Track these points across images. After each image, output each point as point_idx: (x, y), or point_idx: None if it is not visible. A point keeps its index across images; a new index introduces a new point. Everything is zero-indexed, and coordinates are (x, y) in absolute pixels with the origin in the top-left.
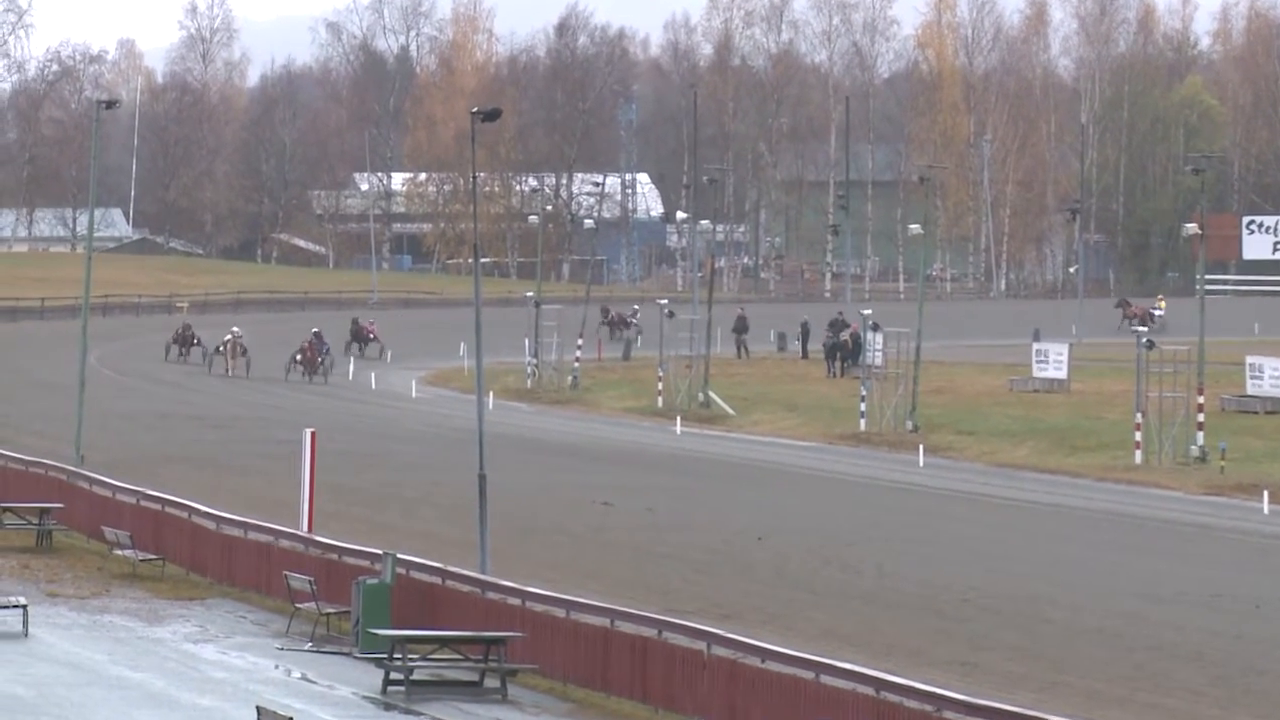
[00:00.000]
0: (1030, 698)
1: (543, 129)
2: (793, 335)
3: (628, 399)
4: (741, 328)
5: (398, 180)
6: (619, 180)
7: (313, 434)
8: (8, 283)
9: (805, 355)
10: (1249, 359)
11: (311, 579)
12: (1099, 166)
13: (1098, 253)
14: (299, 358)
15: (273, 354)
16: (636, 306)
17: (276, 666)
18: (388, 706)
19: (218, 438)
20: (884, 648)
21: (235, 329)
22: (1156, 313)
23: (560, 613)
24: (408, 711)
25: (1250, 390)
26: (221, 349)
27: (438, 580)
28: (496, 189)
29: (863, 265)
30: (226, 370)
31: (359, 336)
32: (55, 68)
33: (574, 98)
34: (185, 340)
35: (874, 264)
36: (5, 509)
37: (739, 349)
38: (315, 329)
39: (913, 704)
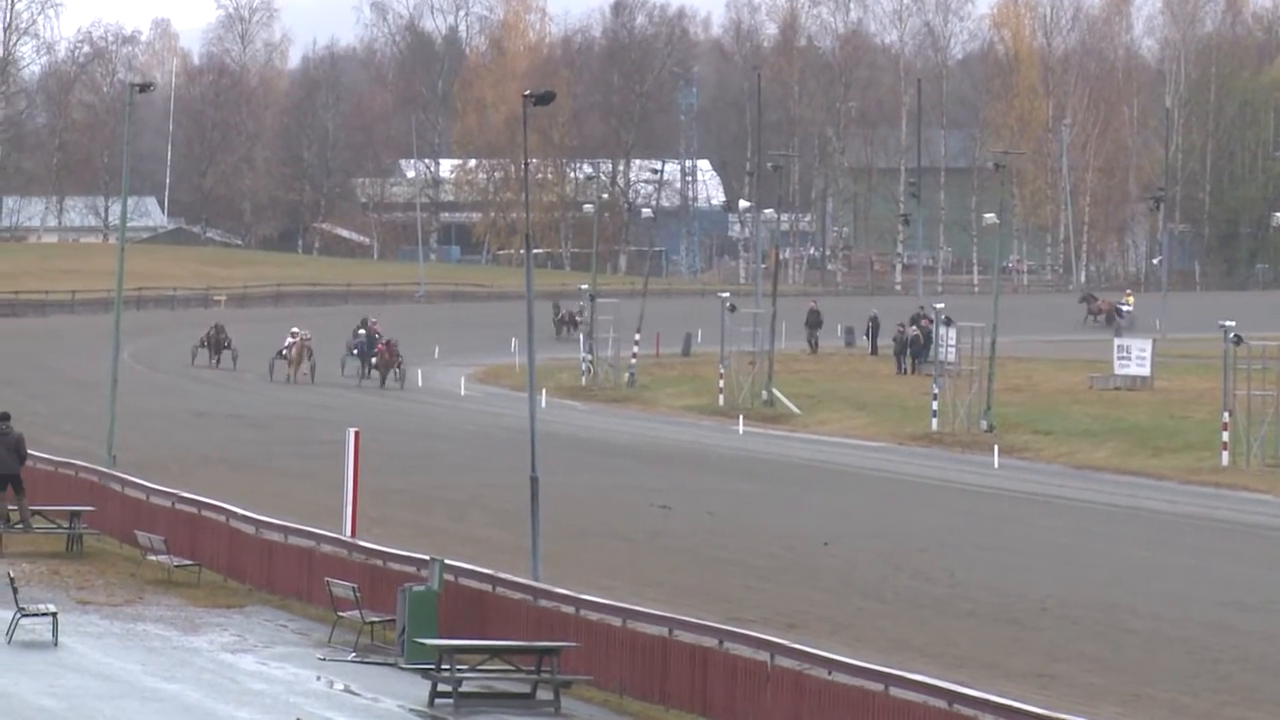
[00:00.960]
0: (1112, 711)
1: (598, 113)
2: (861, 330)
3: (687, 397)
4: (815, 321)
5: (446, 167)
6: (678, 167)
7: (356, 433)
8: (37, 275)
9: (874, 351)
10: None
11: (355, 586)
12: (1184, 153)
13: (1183, 243)
14: (375, 360)
15: (320, 352)
16: (583, 304)
17: (318, 678)
18: None
19: (257, 438)
20: (957, 659)
21: (299, 330)
22: (1125, 308)
23: (616, 621)
24: None
25: None
26: (285, 352)
27: (487, 587)
28: (550, 176)
29: (935, 256)
30: (290, 377)
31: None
32: (86, 49)
33: (631, 80)
34: (217, 344)
35: (947, 255)
36: (34, 512)
37: (811, 343)
38: (372, 319)
39: (988, 718)
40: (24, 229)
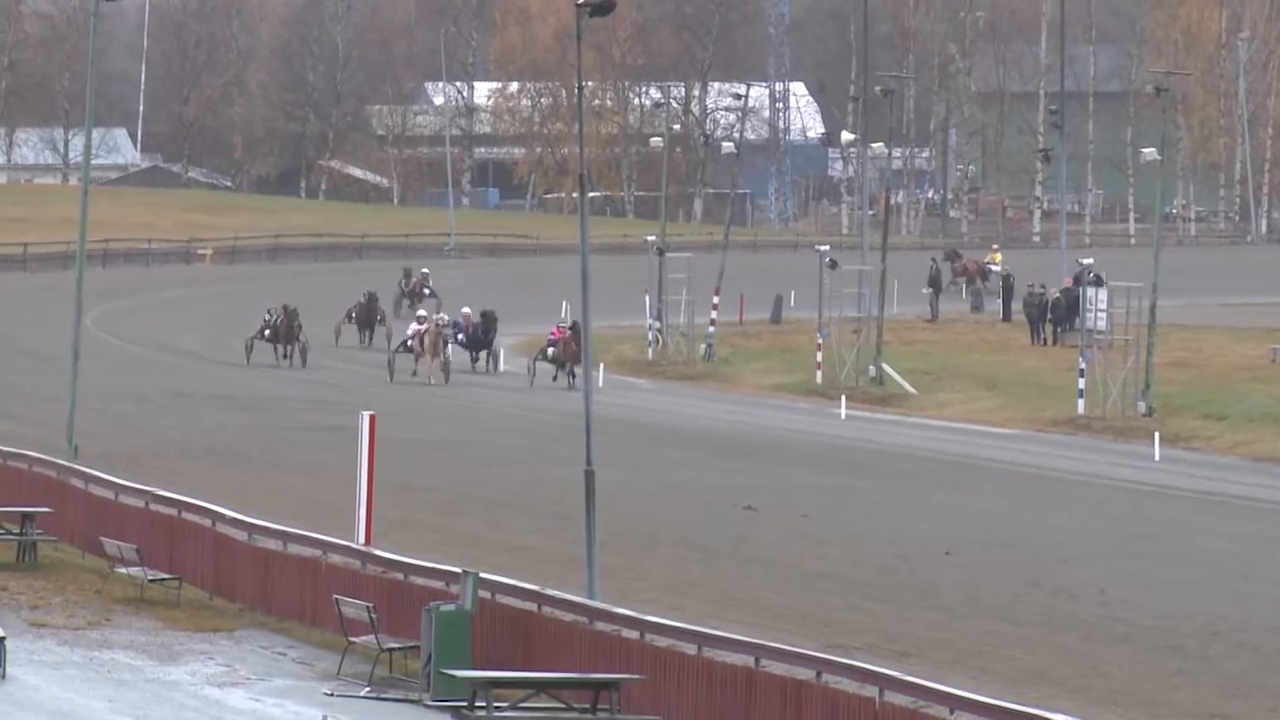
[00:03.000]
0: None
1: (669, 26)
2: (991, 291)
3: (777, 373)
4: (939, 281)
5: (481, 92)
6: (766, 91)
7: (371, 418)
8: None
9: (1007, 318)
10: None
11: (370, 605)
12: None
13: None
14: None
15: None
16: (426, 270)
17: (325, 717)
18: None
19: (250, 424)
20: (1107, 694)
21: (433, 314)
22: (993, 268)
23: (690, 648)
24: None
25: None
26: (410, 343)
27: (532, 606)
28: (609, 103)
29: (1082, 201)
30: (427, 377)
31: (413, 293)
32: None
33: None
34: (288, 333)
35: (1096, 199)
36: None
37: (933, 308)
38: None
39: None
40: None
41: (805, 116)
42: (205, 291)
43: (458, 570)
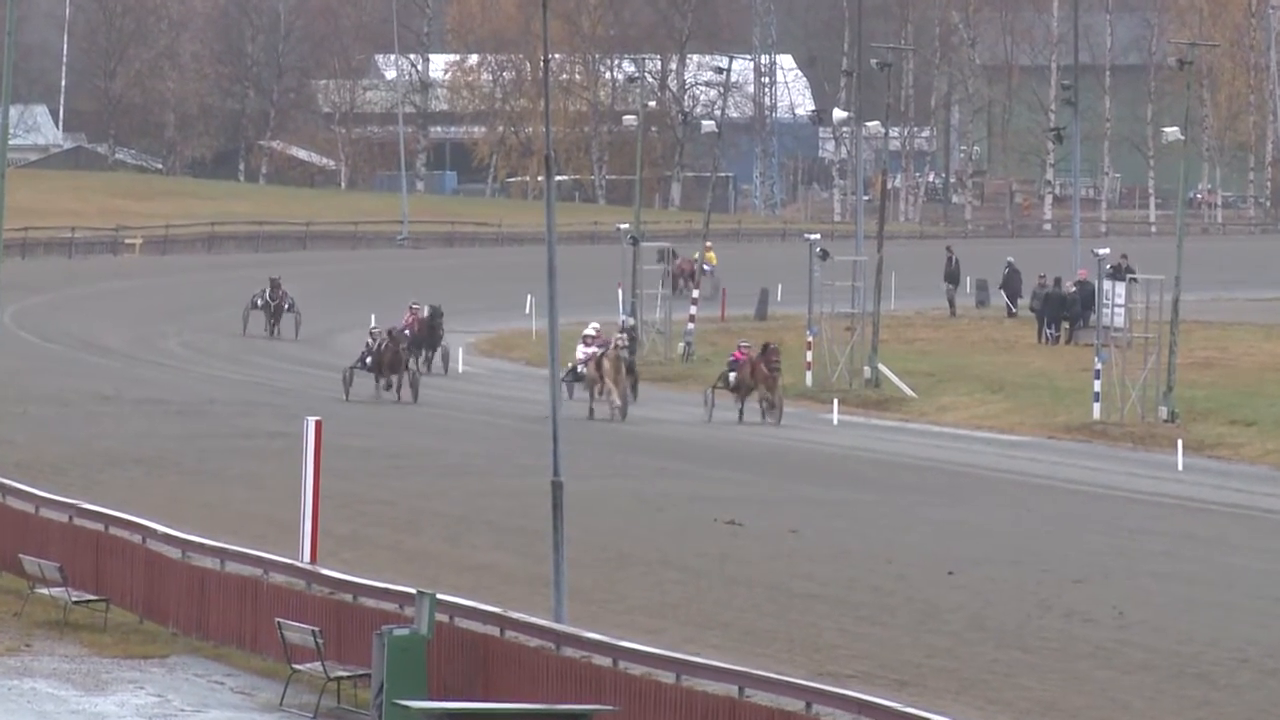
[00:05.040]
0: None
1: None
2: (996, 283)
3: None
4: (955, 275)
5: (438, 65)
6: (751, 65)
7: (318, 424)
8: None
9: (1013, 313)
10: None
11: (316, 629)
12: None
13: None
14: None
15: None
16: (276, 275)
17: None
18: None
19: (184, 430)
20: None
21: (600, 326)
22: (706, 267)
23: (668, 677)
24: None
25: None
26: (582, 369)
27: (495, 630)
28: (578, 78)
29: (1098, 185)
30: (610, 412)
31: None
32: None
33: None
34: (394, 362)
35: (1113, 183)
36: None
37: (951, 302)
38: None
39: None
40: None
41: (793, 92)
42: (134, 285)
43: (412, 591)
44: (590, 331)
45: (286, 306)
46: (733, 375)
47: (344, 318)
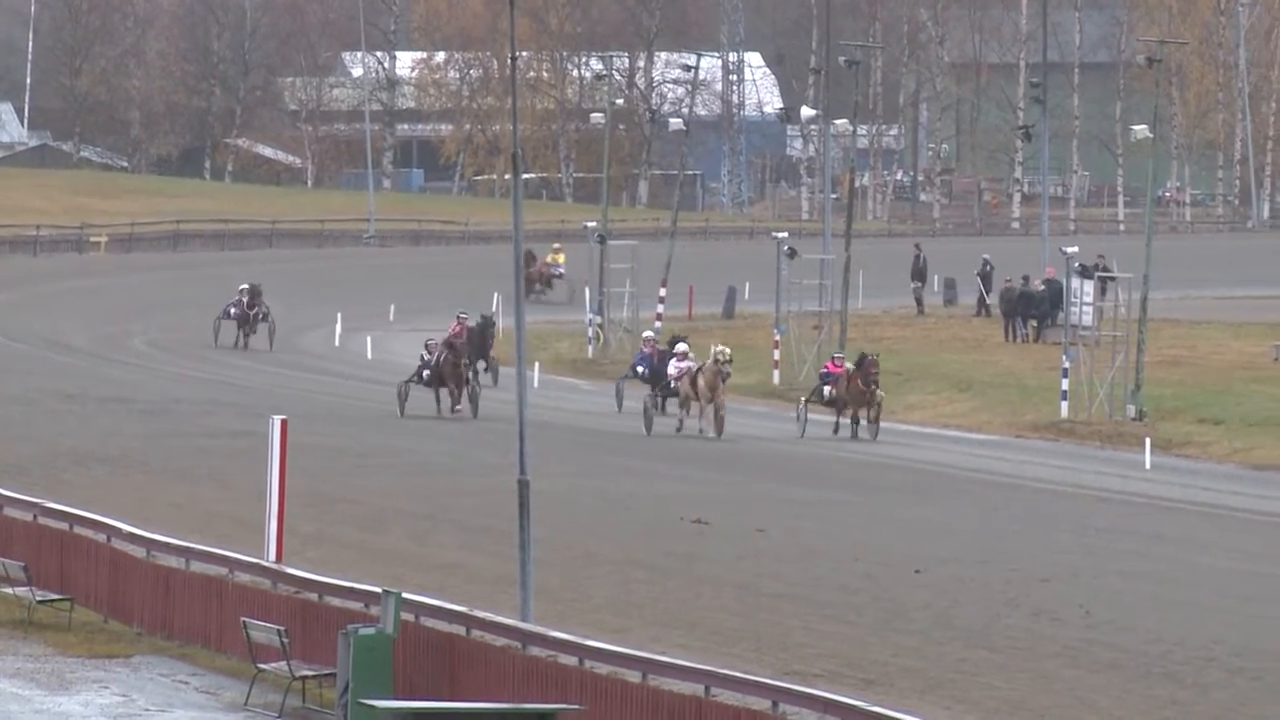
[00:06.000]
0: None
1: None
2: (967, 283)
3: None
4: (921, 273)
5: (404, 63)
6: (719, 63)
7: (283, 423)
8: None
9: (982, 311)
10: None
11: (281, 628)
12: None
13: None
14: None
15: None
16: (258, 282)
17: None
18: None
19: (149, 429)
20: None
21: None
22: (557, 271)
23: (634, 675)
24: None
25: None
26: (676, 384)
27: (461, 630)
28: (545, 75)
29: (1066, 183)
30: (699, 428)
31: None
32: None
33: None
34: (455, 374)
35: (1082, 182)
36: None
37: (918, 301)
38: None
39: None
40: None
41: (761, 90)
42: (99, 283)
43: (378, 590)
44: (683, 348)
45: (262, 316)
46: (828, 389)
47: (310, 316)
